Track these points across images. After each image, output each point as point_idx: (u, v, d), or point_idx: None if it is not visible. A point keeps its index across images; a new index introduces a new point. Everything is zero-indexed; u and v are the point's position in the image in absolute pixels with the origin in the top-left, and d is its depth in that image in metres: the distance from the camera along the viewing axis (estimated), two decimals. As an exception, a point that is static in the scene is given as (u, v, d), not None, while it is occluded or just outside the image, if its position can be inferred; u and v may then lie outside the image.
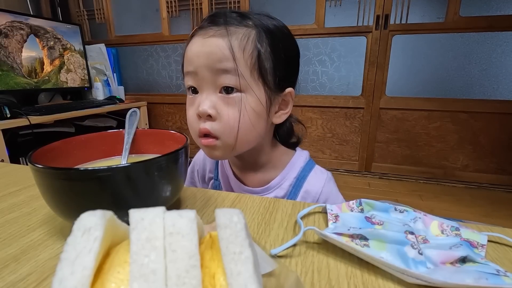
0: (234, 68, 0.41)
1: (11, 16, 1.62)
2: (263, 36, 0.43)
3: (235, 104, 0.42)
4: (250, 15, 0.45)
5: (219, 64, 0.40)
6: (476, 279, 0.22)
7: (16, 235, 0.30)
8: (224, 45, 0.40)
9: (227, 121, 0.42)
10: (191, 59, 0.42)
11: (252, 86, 0.42)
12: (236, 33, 0.42)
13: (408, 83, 1.87)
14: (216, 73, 0.41)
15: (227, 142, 0.43)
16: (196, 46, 0.42)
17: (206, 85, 0.42)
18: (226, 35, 0.41)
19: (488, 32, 1.67)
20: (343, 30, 1.87)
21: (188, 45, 0.44)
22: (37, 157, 0.29)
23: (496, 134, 1.77)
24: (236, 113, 0.42)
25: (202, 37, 0.42)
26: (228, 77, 0.41)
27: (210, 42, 0.41)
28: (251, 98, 0.43)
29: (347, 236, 0.29)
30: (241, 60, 0.41)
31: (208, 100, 0.41)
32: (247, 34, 0.42)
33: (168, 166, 0.29)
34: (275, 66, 0.44)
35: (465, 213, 1.53)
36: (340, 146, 2.08)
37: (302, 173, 0.52)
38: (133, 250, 0.12)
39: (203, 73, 0.41)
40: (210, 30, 0.42)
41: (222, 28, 0.41)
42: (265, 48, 0.43)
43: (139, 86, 2.47)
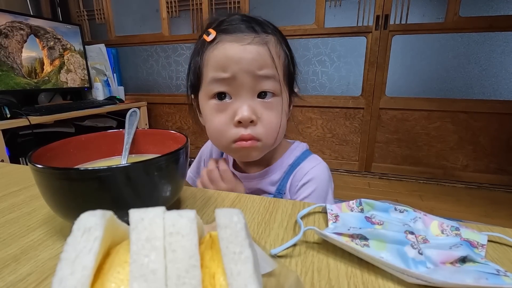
0: (274, 74, 0.43)
1: (11, 16, 1.62)
2: (282, 41, 0.47)
3: (273, 108, 0.45)
4: (262, 19, 0.47)
5: (260, 71, 0.42)
6: (476, 279, 0.22)
7: (16, 235, 0.30)
8: (265, 53, 0.42)
9: (269, 124, 0.44)
10: (227, 65, 0.42)
11: (283, 90, 0.46)
12: (270, 40, 0.44)
13: (408, 83, 1.87)
14: (257, 79, 0.42)
15: (268, 144, 0.46)
16: (233, 52, 0.42)
17: (244, 90, 0.43)
18: (264, 43, 0.43)
19: (488, 32, 1.67)
20: (343, 30, 1.87)
21: (218, 51, 0.43)
22: (37, 157, 0.29)
23: (496, 134, 1.77)
24: (275, 116, 0.45)
25: (238, 43, 0.42)
26: (268, 83, 0.43)
27: (251, 50, 0.41)
28: (283, 101, 0.46)
29: (347, 236, 0.29)
30: (279, 67, 0.44)
31: (248, 106, 0.43)
32: (276, 41, 0.45)
33: (168, 166, 0.29)
34: (293, 68, 0.48)
35: (465, 213, 1.53)
36: (340, 146, 2.08)
37: (297, 161, 0.54)
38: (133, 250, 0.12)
39: (242, 79, 0.42)
40: (246, 37, 0.42)
41: (258, 36, 0.43)
42: (289, 53, 0.47)
43: (139, 86, 2.47)
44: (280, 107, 0.45)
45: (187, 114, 2.38)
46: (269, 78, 0.43)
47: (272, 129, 0.45)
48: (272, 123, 0.44)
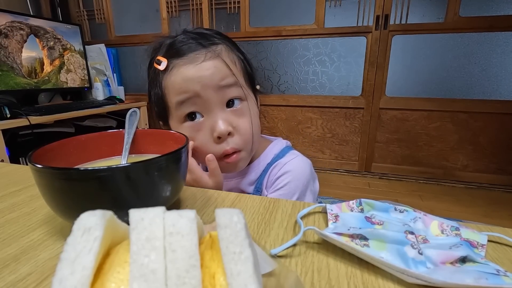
0: (235, 81, 0.44)
1: (11, 16, 1.62)
2: (233, 47, 0.48)
3: (244, 114, 0.46)
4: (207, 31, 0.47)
5: (223, 82, 0.43)
6: (476, 279, 0.22)
7: (16, 235, 0.30)
8: (221, 65, 0.43)
9: (244, 131, 0.46)
10: (188, 87, 0.43)
11: (249, 92, 0.47)
12: (221, 51, 0.44)
13: (408, 83, 1.87)
14: (221, 90, 0.43)
15: (248, 150, 0.48)
16: (192, 74, 0.42)
17: (213, 104, 0.44)
18: (216, 56, 0.43)
19: (488, 32, 1.67)
20: (343, 30, 1.87)
21: (175, 77, 0.43)
22: (37, 157, 0.29)
23: (496, 134, 1.77)
24: (247, 121, 0.46)
25: (192, 64, 0.42)
26: (232, 90, 0.44)
27: (207, 66, 0.42)
28: (251, 103, 0.47)
29: (347, 236, 0.29)
30: (238, 73, 0.45)
31: (222, 119, 0.43)
32: (227, 49, 0.46)
33: (168, 166, 0.29)
34: (250, 68, 0.49)
35: (465, 213, 1.53)
36: (340, 146, 2.08)
37: (275, 158, 0.53)
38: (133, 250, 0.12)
39: (207, 94, 0.43)
40: (198, 56, 0.43)
41: (208, 50, 0.43)
42: (242, 55, 0.48)
43: (139, 86, 2.47)
44: (248, 110, 0.46)
45: (187, 114, 2.38)
46: (232, 85, 0.44)
47: (248, 135, 0.46)
48: (247, 129, 0.46)
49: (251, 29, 2.06)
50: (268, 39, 2.02)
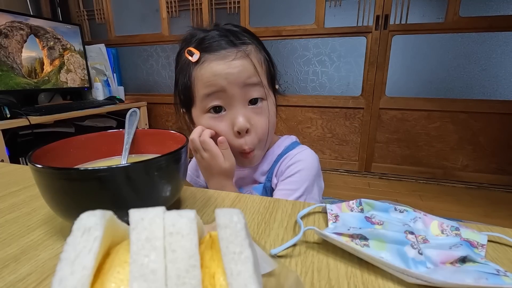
0: (259, 81, 0.47)
1: (11, 16, 1.62)
2: (260, 47, 0.51)
3: (262, 113, 0.49)
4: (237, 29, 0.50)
5: (248, 80, 0.46)
6: (476, 279, 0.22)
7: (16, 235, 0.30)
8: (248, 65, 0.47)
9: (261, 129, 0.49)
10: (216, 81, 0.46)
11: (269, 92, 0.50)
12: (251, 51, 0.48)
13: (408, 83, 1.87)
14: (246, 88, 0.47)
15: (262, 147, 0.51)
16: (221, 70, 0.45)
17: (236, 101, 0.47)
18: (246, 55, 0.47)
19: (488, 32, 1.67)
20: (343, 31, 1.87)
21: (205, 71, 0.47)
22: (37, 157, 0.29)
23: (496, 134, 1.77)
24: (264, 121, 0.49)
25: (223, 61, 0.46)
26: (256, 89, 0.48)
27: (236, 65, 0.46)
28: (270, 103, 0.50)
29: (347, 236, 0.29)
30: (262, 74, 0.49)
31: (242, 115, 0.47)
32: (256, 49, 0.49)
33: (168, 166, 0.29)
34: (273, 69, 0.52)
35: (465, 213, 1.53)
36: (340, 146, 2.08)
37: (286, 150, 0.57)
38: (133, 250, 0.12)
39: (232, 90, 0.46)
40: (229, 54, 0.46)
41: (239, 49, 0.47)
42: (266, 56, 0.51)
43: (139, 86, 2.47)
44: (267, 110, 0.50)
45: (187, 114, 2.38)
46: (256, 85, 0.47)
47: (264, 134, 0.50)
48: (263, 128, 0.49)
49: (251, 29, 2.06)
50: (268, 39, 2.02)
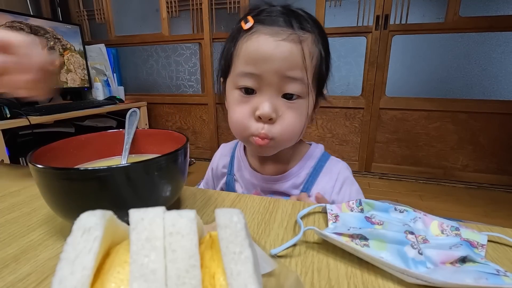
0: (302, 77, 0.41)
1: (11, 16, 1.62)
2: (320, 40, 0.44)
3: (296, 109, 0.43)
4: (302, 12, 0.45)
5: (289, 72, 0.41)
6: (476, 279, 0.22)
7: (16, 235, 0.30)
8: (297, 53, 0.40)
9: (288, 125, 0.43)
10: (255, 60, 0.41)
11: (311, 92, 0.44)
12: (306, 39, 0.42)
13: (408, 83, 1.87)
14: (284, 80, 0.41)
15: (281, 143, 0.45)
16: (266, 47, 0.40)
17: (270, 88, 0.42)
18: (299, 41, 0.40)
19: (488, 32, 1.67)
20: (343, 31, 1.87)
21: (251, 43, 0.41)
22: (37, 157, 0.29)
23: (496, 134, 1.77)
24: (296, 118, 0.44)
25: (272, 38, 0.40)
26: (295, 85, 0.42)
27: (284, 47, 0.40)
28: (307, 103, 0.45)
29: (347, 236, 0.29)
30: (309, 69, 0.42)
31: (270, 103, 0.42)
32: (313, 40, 0.43)
33: (168, 166, 0.29)
34: (326, 70, 0.46)
35: (465, 213, 1.53)
36: (340, 146, 2.08)
37: (319, 163, 0.54)
38: (133, 250, 0.12)
39: (269, 78, 0.41)
40: (282, 32, 0.40)
41: (294, 32, 0.40)
42: (324, 53, 0.45)
43: (139, 86, 2.47)
44: (303, 109, 0.44)
45: (187, 114, 2.38)
46: (297, 80, 0.41)
47: (289, 131, 0.44)
48: (291, 125, 0.44)
49: (251, 29, 2.06)
50: (268, 39, 2.02)
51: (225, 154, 0.62)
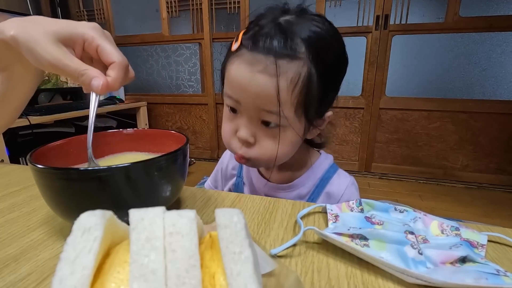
0: (278, 111, 0.40)
1: (11, 16, 1.62)
2: (316, 65, 0.40)
3: (275, 136, 0.42)
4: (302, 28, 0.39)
5: (264, 106, 0.40)
6: (476, 279, 0.22)
7: (16, 235, 0.30)
8: (271, 89, 0.38)
9: (265, 151, 0.43)
10: (233, 87, 0.41)
11: (293, 123, 0.42)
12: (287, 71, 0.38)
13: (408, 83, 1.87)
14: (261, 112, 0.41)
15: (258, 163, 0.45)
16: (242, 78, 0.39)
17: (248, 114, 0.42)
18: (275, 74, 0.38)
19: (488, 32, 1.67)
20: (343, 31, 1.87)
21: (232, 68, 0.41)
22: (37, 157, 0.29)
23: (496, 134, 1.77)
24: (274, 145, 0.43)
25: (250, 68, 0.39)
26: (272, 116, 0.40)
27: (258, 81, 0.38)
28: (290, 132, 0.43)
29: (347, 236, 0.28)
30: (287, 102, 0.40)
31: (248, 129, 0.42)
32: (299, 71, 0.39)
33: (168, 166, 0.29)
34: (322, 95, 0.42)
35: (465, 213, 1.53)
36: (340, 146, 2.08)
37: (326, 174, 0.53)
38: (133, 250, 0.12)
39: (247, 106, 0.41)
40: (259, 62, 0.38)
41: (272, 63, 0.37)
42: (316, 80, 0.40)
43: (139, 86, 2.47)
44: (285, 137, 0.43)
45: (187, 114, 2.38)
46: (272, 113, 0.40)
47: (267, 156, 0.43)
48: (268, 151, 0.43)
49: (251, 29, 2.06)
50: (268, 39, 2.02)
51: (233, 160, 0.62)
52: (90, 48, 0.31)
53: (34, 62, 0.28)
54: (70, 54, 0.29)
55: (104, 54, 0.31)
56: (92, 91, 0.29)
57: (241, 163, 0.46)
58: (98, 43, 0.30)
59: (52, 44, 0.28)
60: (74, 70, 0.28)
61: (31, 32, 0.28)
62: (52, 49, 0.27)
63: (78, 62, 0.28)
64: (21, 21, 0.29)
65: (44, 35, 0.28)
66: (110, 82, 0.29)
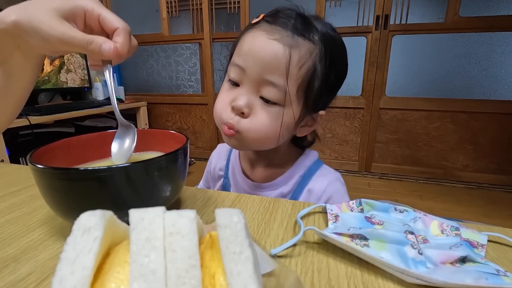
0: (283, 85, 0.40)
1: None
2: (324, 56, 0.42)
3: (271, 113, 0.42)
4: (318, 24, 0.43)
5: (270, 76, 0.39)
6: (476, 279, 0.22)
7: (16, 235, 0.30)
8: (283, 57, 0.39)
9: (257, 124, 0.42)
10: (244, 54, 0.41)
11: (293, 102, 0.42)
12: (300, 46, 0.40)
13: (408, 83, 1.87)
14: (262, 82, 0.40)
15: (247, 140, 0.44)
16: (256, 43, 0.40)
17: (250, 84, 0.41)
18: (289, 45, 0.39)
19: (488, 32, 1.67)
20: (343, 31, 1.87)
21: (248, 35, 0.42)
22: (37, 157, 0.29)
23: (496, 134, 1.77)
24: (268, 120, 0.42)
25: (266, 34, 0.40)
26: (273, 91, 0.40)
27: (272, 47, 0.39)
28: (287, 112, 0.42)
29: (347, 236, 0.28)
30: (293, 77, 0.40)
31: (246, 98, 0.41)
32: (310, 51, 0.41)
33: (168, 166, 0.29)
34: (322, 89, 0.43)
35: (465, 213, 1.53)
36: (340, 146, 2.08)
37: (308, 172, 0.52)
38: (133, 250, 0.12)
39: (251, 73, 0.41)
40: (277, 32, 0.39)
41: (289, 35, 0.39)
42: (321, 69, 0.42)
43: (139, 86, 2.47)
44: (280, 116, 0.42)
45: (187, 114, 2.38)
46: (275, 86, 0.40)
47: (257, 130, 0.42)
48: (260, 125, 0.42)
49: (251, 29, 2.06)
50: (268, 39, 2.02)
51: (222, 156, 0.61)
52: (91, 19, 0.31)
53: (40, 43, 0.29)
54: (74, 28, 0.29)
55: (106, 22, 0.32)
56: (104, 56, 0.30)
57: (227, 135, 0.43)
58: (99, 12, 0.31)
59: (56, 20, 0.28)
60: (82, 40, 0.29)
61: (33, 13, 0.28)
62: (57, 25, 0.28)
63: (84, 34, 0.29)
64: (19, 6, 0.29)
65: (46, 13, 0.28)
66: (119, 47, 0.31)
